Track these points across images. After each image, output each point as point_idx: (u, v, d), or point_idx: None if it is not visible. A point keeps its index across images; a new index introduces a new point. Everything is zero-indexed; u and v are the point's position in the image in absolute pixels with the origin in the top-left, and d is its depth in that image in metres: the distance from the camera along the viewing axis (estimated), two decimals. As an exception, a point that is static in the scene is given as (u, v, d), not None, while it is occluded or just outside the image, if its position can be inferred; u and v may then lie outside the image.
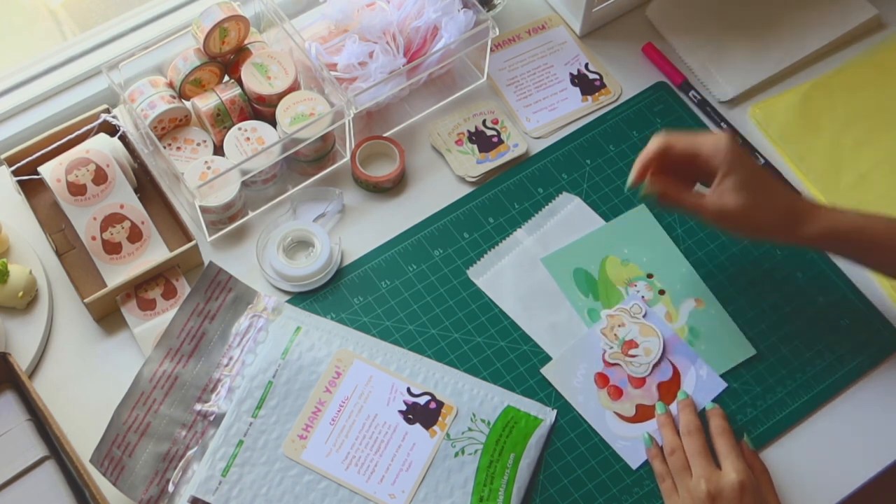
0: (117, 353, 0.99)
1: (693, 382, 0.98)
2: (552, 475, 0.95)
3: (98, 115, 1.04)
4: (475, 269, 1.05)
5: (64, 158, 1.00)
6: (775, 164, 1.12)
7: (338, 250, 1.04)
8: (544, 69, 1.17)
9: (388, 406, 0.96)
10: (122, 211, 1.00)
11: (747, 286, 1.04)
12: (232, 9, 1.02)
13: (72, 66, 1.13)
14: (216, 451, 0.92)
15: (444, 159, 1.11)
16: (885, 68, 1.18)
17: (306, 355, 0.97)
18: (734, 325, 1.02)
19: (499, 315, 1.02)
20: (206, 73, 1.06)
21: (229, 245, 1.06)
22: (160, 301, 0.99)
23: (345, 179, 1.10)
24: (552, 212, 1.08)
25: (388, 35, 1.07)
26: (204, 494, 0.91)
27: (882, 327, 1.02)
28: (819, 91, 1.16)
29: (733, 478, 0.88)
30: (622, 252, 1.05)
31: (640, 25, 1.21)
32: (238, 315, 1.00)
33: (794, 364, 1.00)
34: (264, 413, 0.94)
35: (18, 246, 1.02)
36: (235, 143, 1.03)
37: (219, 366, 0.97)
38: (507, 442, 0.95)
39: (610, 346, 1.00)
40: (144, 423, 0.92)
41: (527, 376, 0.99)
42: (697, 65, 1.17)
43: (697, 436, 0.93)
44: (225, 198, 1.02)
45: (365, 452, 0.94)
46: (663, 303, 1.03)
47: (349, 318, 1.01)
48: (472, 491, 0.92)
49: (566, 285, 1.03)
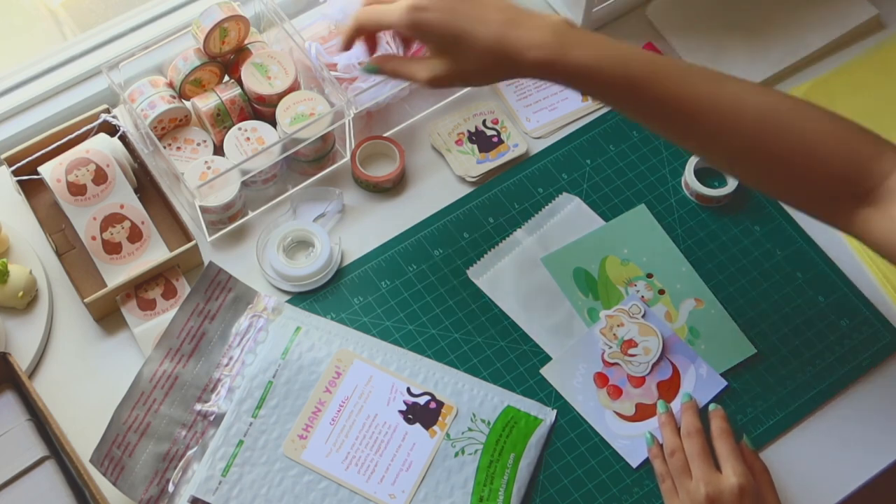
0: (117, 353, 0.99)
1: (693, 381, 0.98)
2: (552, 475, 0.95)
3: (98, 115, 1.04)
4: (475, 269, 1.05)
5: (64, 158, 1.00)
6: (775, 164, 1.12)
7: (338, 250, 1.04)
8: (544, 69, 1.17)
9: (388, 406, 0.96)
10: (122, 211, 1.00)
11: (747, 286, 1.04)
12: (232, 9, 1.02)
13: (72, 66, 1.13)
14: (216, 451, 0.92)
15: (444, 159, 1.11)
16: (885, 68, 1.18)
17: (306, 355, 0.97)
18: (734, 325, 1.02)
19: (499, 315, 1.02)
20: (206, 73, 1.06)
21: (229, 245, 1.06)
22: (160, 301, 0.99)
23: (345, 179, 1.10)
24: (552, 212, 1.08)
25: (389, 35, 1.07)
26: (204, 494, 0.91)
27: (882, 327, 1.02)
28: (819, 91, 1.16)
29: (733, 482, 0.88)
30: (622, 252, 1.05)
31: (640, 25, 1.21)
32: (238, 315, 1.00)
33: (794, 364, 1.00)
34: (264, 413, 0.94)
35: (18, 246, 1.02)
36: (235, 143, 1.03)
37: (219, 366, 0.97)
38: (507, 442, 0.95)
39: (609, 345, 1.00)
40: (144, 423, 0.92)
41: (527, 376, 0.99)
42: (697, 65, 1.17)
43: (698, 438, 0.92)
44: (225, 198, 1.02)
45: (365, 452, 0.94)
46: (663, 302, 1.03)
47: (349, 318, 1.01)
48: (472, 491, 0.92)
49: (566, 285, 1.03)
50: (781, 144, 0.82)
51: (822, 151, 0.82)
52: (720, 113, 0.82)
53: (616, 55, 0.83)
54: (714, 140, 0.84)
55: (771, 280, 1.04)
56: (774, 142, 0.82)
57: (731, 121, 0.82)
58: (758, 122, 0.82)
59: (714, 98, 0.82)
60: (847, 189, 0.82)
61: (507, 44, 0.83)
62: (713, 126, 0.82)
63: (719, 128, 0.82)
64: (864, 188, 0.81)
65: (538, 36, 0.83)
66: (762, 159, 0.83)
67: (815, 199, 0.85)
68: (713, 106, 0.82)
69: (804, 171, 0.82)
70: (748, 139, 0.82)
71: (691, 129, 0.84)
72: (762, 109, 0.82)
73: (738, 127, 0.82)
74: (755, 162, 0.84)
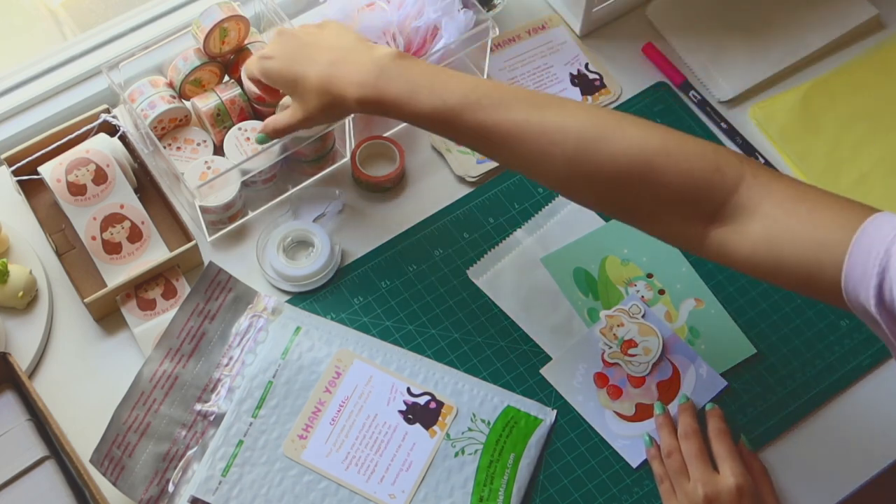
0: (117, 353, 0.99)
1: (693, 381, 0.98)
2: (552, 475, 0.95)
3: (98, 115, 1.04)
4: (475, 269, 1.05)
5: (64, 158, 1.00)
6: (775, 164, 1.12)
7: (338, 250, 1.04)
8: (544, 69, 1.17)
9: (388, 406, 0.96)
10: (122, 211, 1.00)
11: (747, 286, 1.04)
12: (232, 9, 1.02)
13: (72, 66, 1.13)
14: (216, 451, 0.92)
15: (444, 159, 1.11)
16: (885, 68, 1.18)
17: (306, 355, 0.97)
18: (734, 325, 1.02)
19: (499, 315, 1.02)
20: (206, 73, 1.06)
21: (229, 245, 1.06)
22: (160, 301, 0.99)
23: (345, 179, 1.10)
24: (552, 212, 1.08)
25: (388, 35, 1.07)
26: (204, 494, 0.91)
27: (882, 327, 1.02)
28: (819, 91, 1.16)
29: (731, 482, 0.88)
30: (622, 252, 1.05)
31: (640, 25, 1.21)
32: (238, 315, 1.00)
33: (794, 364, 1.00)
34: (264, 413, 0.94)
35: (18, 246, 1.02)
36: (235, 143, 1.03)
37: (219, 366, 0.97)
38: (507, 442, 0.95)
39: (609, 345, 1.00)
40: (144, 423, 0.92)
41: (527, 376, 0.99)
42: (697, 65, 1.17)
43: (695, 439, 0.92)
44: (225, 198, 1.02)
45: (365, 452, 0.94)
46: (663, 302, 1.03)
47: (349, 318, 1.01)
48: (472, 491, 0.92)
49: (566, 285, 1.03)
50: (611, 166, 0.79)
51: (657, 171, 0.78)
52: (540, 137, 0.80)
53: (432, 86, 0.83)
54: (538, 164, 0.82)
55: (771, 280, 1.04)
56: (604, 163, 0.79)
57: (551, 144, 0.80)
58: (580, 144, 0.79)
59: (532, 124, 0.80)
60: (692, 210, 0.78)
61: (332, 83, 0.87)
62: (534, 151, 0.81)
63: (541, 152, 0.80)
64: (712, 207, 0.78)
65: (358, 73, 0.85)
66: (593, 182, 0.80)
67: (663, 224, 0.81)
68: (532, 131, 0.80)
69: (638, 192, 0.79)
70: (572, 162, 0.80)
71: (513, 154, 0.82)
72: (585, 131, 0.79)
73: (561, 150, 0.80)
74: (586, 185, 0.81)
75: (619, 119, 0.81)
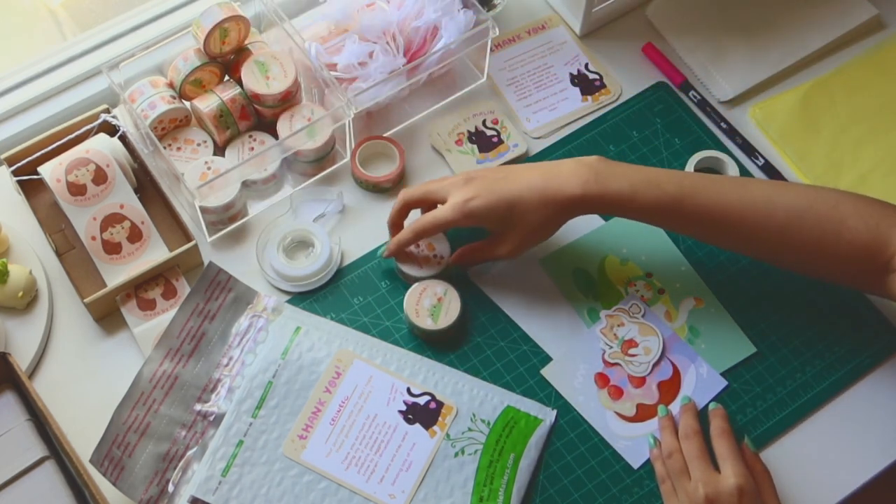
0: (117, 353, 0.99)
1: (693, 381, 0.98)
2: (552, 475, 0.95)
3: (98, 115, 1.04)
4: (475, 268, 1.04)
5: (64, 158, 1.00)
6: (775, 164, 1.12)
7: (338, 250, 1.04)
8: (544, 69, 1.17)
9: (388, 406, 0.96)
10: (122, 211, 1.00)
11: (747, 286, 1.04)
12: (232, 9, 1.02)
13: (72, 66, 1.13)
14: (216, 451, 0.92)
15: (444, 159, 1.11)
16: (885, 68, 1.18)
17: (306, 355, 0.97)
18: (734, 324, 1.02)
19: (499, 315, 1.02)
20: (206, 73, 1.06)
21: (229, 245, 1.06)
22: (160, 301, 0.99)
23: (345, 179, 1.10)
24: (552, 212, 1.08)
25: (388, 35, 1.07)
26: (204, 494, 0.91)
27: (882, 327, 1.02)
28: (819, 91, 1.16)
29: (731, 482, 0.88)
30: (621, 252, 1.05)
31: (640, 25, 1.21)
32: (238, 315, 1.00)
33: (794, 364, 1.00)
34: (264, 413, 0.94)
35: (18, 246, 1.02)
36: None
37: (219, 366, 0.97)
38: (507, 442, 0.95)
39: (609, 345, 1.00)
40: (144, 423, 0.92)
41: (527, 376, 0.99)
42: (697, 65, 1.17)
43: (696, 439, 0.92)
44: (225, 198, 1.02)
45: (365, 452, 0.94)
46: (663, 302, 1.03)
47: (349, 318, 1.01)
48: (472, 491, 0.92)
49: (565, 285, 1.03)
50: (811, 234, 0.91)
51: (848, 233, 0.90)
52: (752, 215, 0.91)
53: (648, 180, 0.93)
54: (750, 240, 0.94)
55: (771, 280, 1.04)
56: (806, 233, 0.91)
57: (763, 219, 0.91)
58: (789, 217, 0.91)
59: (744, 202, 0.92)
60: (874, 261, 0.90)
61: (553, 192, 0.93)
62: (747, 228, 0.92)
63: (753, 228, 0.92)
64: (889, 256, 0.89)
65: (577, 177, 0.93)
66: (796, 250, 0.92)
67: (846, 274, 0.94)
68: (744, 210, 0.92)
69: (833, 252, 0.91)
70: (782, 234, 0.91)
71: (728, 233, 0.94)
72: (791, 205, 0.91)
73: (770, 224, 0.91)
74: (790, 253, 0.93)
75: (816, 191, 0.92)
